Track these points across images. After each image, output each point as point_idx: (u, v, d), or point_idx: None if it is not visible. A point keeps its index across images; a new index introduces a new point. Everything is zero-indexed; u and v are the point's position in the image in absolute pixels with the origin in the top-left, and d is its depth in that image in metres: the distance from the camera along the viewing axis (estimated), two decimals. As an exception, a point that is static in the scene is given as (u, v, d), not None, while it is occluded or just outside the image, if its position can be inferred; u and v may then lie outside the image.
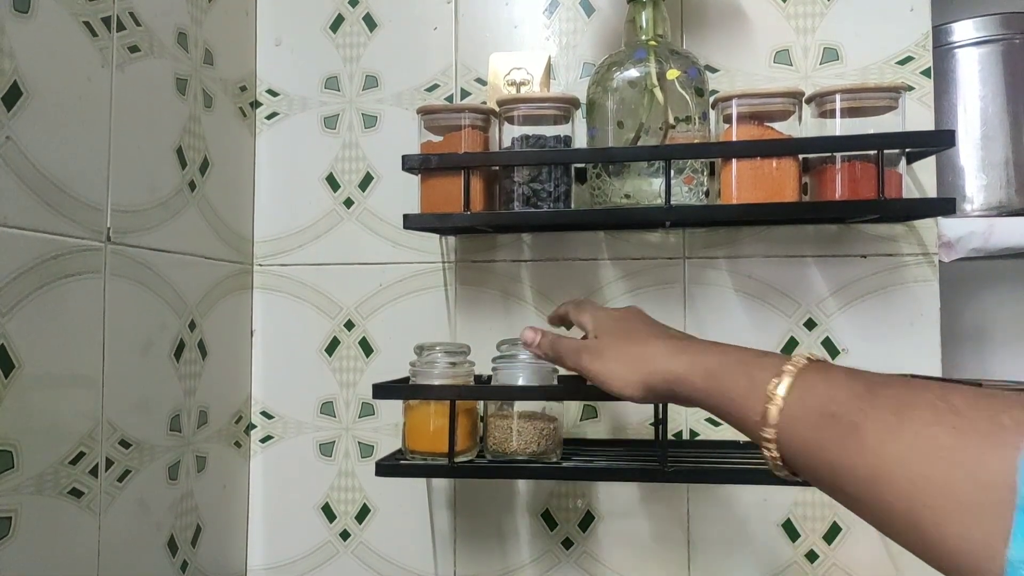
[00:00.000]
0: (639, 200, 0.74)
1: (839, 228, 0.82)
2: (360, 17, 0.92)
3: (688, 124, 0.73)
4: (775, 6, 0.85)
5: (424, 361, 0.74)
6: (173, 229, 0.76)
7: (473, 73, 0.90)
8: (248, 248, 0.92)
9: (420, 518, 0.88)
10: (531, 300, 0.87)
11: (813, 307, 0.82)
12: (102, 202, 0.65)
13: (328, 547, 0.90)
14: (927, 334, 0.80)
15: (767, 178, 0.70)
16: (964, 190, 0.83)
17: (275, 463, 0.92)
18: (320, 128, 0.93)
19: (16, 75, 0.56)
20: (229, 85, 0.88)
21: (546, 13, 0.89)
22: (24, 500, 0.56)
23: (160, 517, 0.74)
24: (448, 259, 0.89)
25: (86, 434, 0.63)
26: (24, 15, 0.57)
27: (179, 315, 0.77)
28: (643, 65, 0.74)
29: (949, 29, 0.84)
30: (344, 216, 0.91)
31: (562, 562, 0.86)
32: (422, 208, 0.77)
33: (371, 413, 0.90)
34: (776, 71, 0.84)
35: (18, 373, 0.55)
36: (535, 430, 0.72)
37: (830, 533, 0.81)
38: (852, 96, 0.71)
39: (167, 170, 0.75)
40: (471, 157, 0.75)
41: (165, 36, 0.75)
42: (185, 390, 0.78)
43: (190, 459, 0.79)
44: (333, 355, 0.91)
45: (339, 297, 0.91)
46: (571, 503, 0.86)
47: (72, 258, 0.61)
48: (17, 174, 0.56)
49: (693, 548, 0.83)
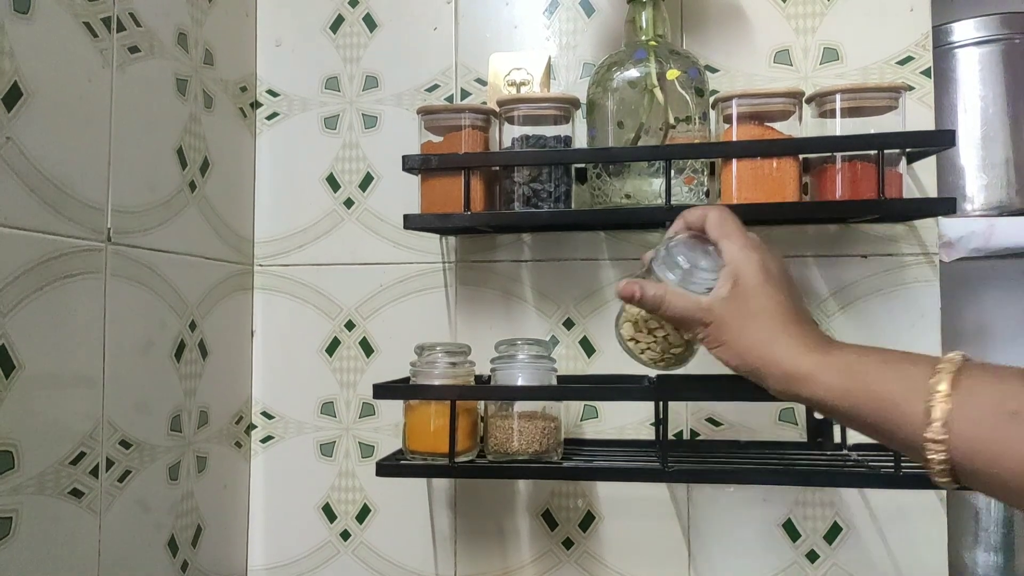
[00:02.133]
0: (639, 200, 0.74)
1: (839, 228, 0.82)
2: (360, 17, 0.92)
3: (688, 124, 0.73)
4: (775, 6, 0.85)
5: (424, 361, 0.75)
6: (173, 229, 0.76)
7: (473, 73, 0.90)
8: (248, 248, 0.92)
9: (420, 518, 0.88)
10: (531, 300, 0.87)
11: (813, 307, 0.82)
12: (102, 202, 0.65)
13: (328, 547, 0.90)
14: (928, 334, 0.80)
15: (767, 178, 0.70)
16: (964, 190, 0.83)
17: (276, 463, 0.92)
18: (320, 128, 0.93)
19: (16, 75, 0.56)
20: (229, 85, 0.88)
21: (546, 13, 0.89)
22: (24, 500, 0.56)
23: (160, 517, 0.74)
24: (448, 259, 0.89)
25: (87, 434, 0.63)
26: (24, 16, 0.57)
27: (179, 315, 0.77)
28: (643, 65, 0.74)
29: (949, 29, 0.84)
30: (344, 216, 0.91)
31: (562, 562, 0.86)
32: (422, 208, 0.77)
33: (371, 413, 0.90)
34: (776, 71, 0.84)
35: (19, 373, 0.55)
36: (536, 430, 0.72)
37: (830, 533, 0.81)
38: (852, 96, 0.71)
39: (167, 170, 0.75)
40: (471, 157, 0.75)
41: (165, 36, 0.75)
42: (186, 390, 0.78)
43: (191, 459, 0.79)
44: (333, 355, 0.91)
45: (339, 297, 0.91)
46: (571, 503, 0.86)
47: (72, 258, 0.61)
48: (17, 174, 0.56)
49: (693, 548, 0.83)
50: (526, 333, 0.85)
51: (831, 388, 0.47)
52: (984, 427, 0.39)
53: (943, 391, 0.41)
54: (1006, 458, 0.39)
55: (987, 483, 0.41)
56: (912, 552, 0.80)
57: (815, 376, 0.48)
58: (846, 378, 0.47)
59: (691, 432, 0.84)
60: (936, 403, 0.41)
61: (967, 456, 0.40)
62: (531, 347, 0.74)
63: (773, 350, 0.50)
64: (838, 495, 0.81)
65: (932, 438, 0.41)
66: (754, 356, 0.51)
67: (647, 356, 0.63)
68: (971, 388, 0.41)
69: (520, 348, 0.74)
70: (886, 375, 0.45)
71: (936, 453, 0.41)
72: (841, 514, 0.81)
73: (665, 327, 0.61)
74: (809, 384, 0.48)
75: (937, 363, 0.43)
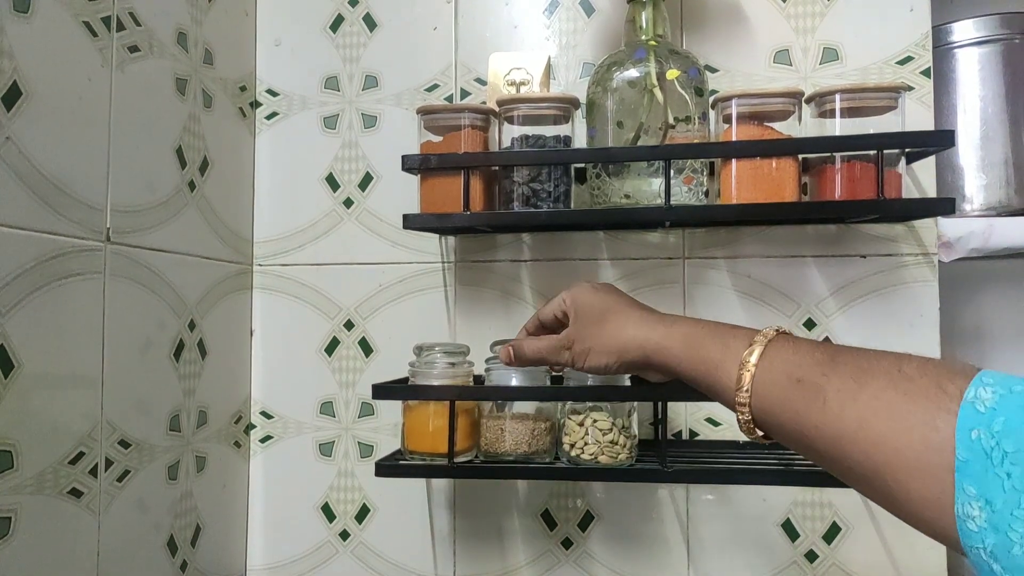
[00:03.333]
0: (639, 200, 0.74)
1: (839, 228, 0.82)
2: (360, 17, 0.92)
3: (688, 124, 0.73)
4: (775, 6, 0.85)
5: (423, 362, 0.74)
6: (173, 229, 0.76)
7: (473, 73, 0.90)
8: (248, 248, 0.92)
9: (420, 518, 0.88)
10: (531, 300, 0.87)
11: (813, 307, 0.82)
12: (102, 202, 0.65)
13: (328, 547, 0.90)
14: (926, 334, 0.80)
15: (767, 178, 0.70)
16: (964, 190, 0.83)
17: (275, 463, 0.92)
18: (320, 128, 0.93)
19: (16, 75, 0.56)
20: (229, 85, 0.88)
21: (546, 13, 0.89)
22: (24, 500, 0.56)
23: (160, 517, 0.74)
24: (448, 259, 0.89)
25: (86, 434, 0.63)
26: (24, 15, 0.57)
27: (179, 315, 0.77)
28: (643, 65, 0.74)
29: (949, 29, 0.84)
30: (344, 216, 0.91)
31: (562, 562, 0.86)
32: (422, 208, 0.77)
33: (371, 413, 0.90)
34: (776, 71, 0.84)
35: (18, 373, 0.55)
36: (526, 430, 0.72)
37: (830, 533, 0.81)
38: (852, 96, 0.71)
39: (167, 170, 0.75)
40: (471, 157, 0.75)
41: (165, 36, 0.75)
42: (185, 390, 0.78)
43: (190, 459, 0.79)
44: (333, 355, 0.91)
45: (339, 297, 0.91)
46: (571, 503, 0.86)
47: (72, 258, 0.61)
48: (17, 174, 0.56)
49: (693, 548, 0.83)
50: (525, 333, 0.85)
51: (677, 356, 0.55)
52: (775, 391, 0.47)
53: (752, 361, 0.49)
54: (788, 419, 0.46)
55: (782, 439, 0.48)
56: (911, 552, 0.80)
57: (665, 346, 0.56)
58: (686, 347, 0.55)
59: (691, 432, 0.84)
60: (745, 371, 0.49)
61: (763, 416, 0.48)
62: None
63: (629, 332, 0.59)
64: (837, 495, 0.81)
65: (740, 400, 0.49)
66: (618, 344, 0.59)
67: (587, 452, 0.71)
68: (772, 358, 0.48)
69: None
70: (714, 344, 0.52)
71: (743, 413, 0.49)
72: (840, 514, 0.81)
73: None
74: (662, 354, 0.57)
75: (754, 336, 0.50)
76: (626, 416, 0.71)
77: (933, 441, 0.36)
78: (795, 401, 0.45)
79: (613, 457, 0.70)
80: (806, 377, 0.45)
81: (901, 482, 0.38)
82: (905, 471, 0.38)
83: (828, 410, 0.43)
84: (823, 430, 0.43)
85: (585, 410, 0.71)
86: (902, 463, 0.38)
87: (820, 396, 0.43)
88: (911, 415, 0.38)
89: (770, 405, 0.47)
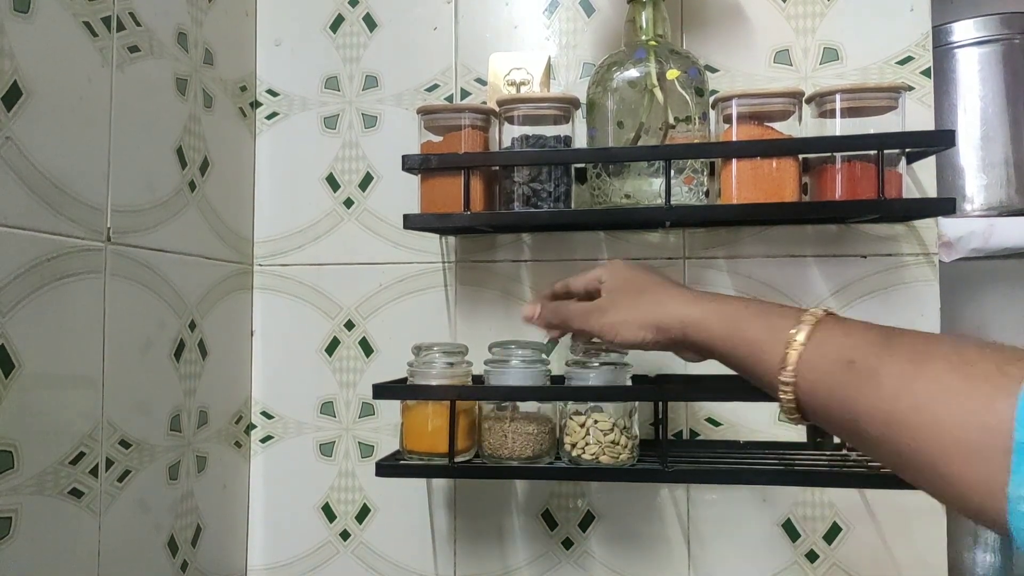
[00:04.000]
0: (639, 200, 0.74)
1: (839, 228, 0.82)
2: (360, 17, 0.92)
3: (688, 124, 0.73)
4: (775, 6, 0.85)
5: (422, 361, 0.74)
6: (173, 229, 0.76)
7: (473, 73, 0.90)
8: (248, 248, 0.92)
9: (420, 518, 0.88)
10: (531, 300, 0.87)
11: (812, 307, 0.82)
12: (102, 202, 0.65)
13: (328, 547, 0.90)
14: (927, 334, 0.80)
15: (767, 178, 0.70)
16: (964, 190, 0.83)
17: (275, 463, 0.92)
18: (320, 128, 0.93)
19: (16, 75, 0.56)
20: (229, 85, 0.88)
21: (546, 13, 0.89)
22: (24, 500, 0.56)
23: (160, 517, 0.74)
24: (448, 259, 0.89)
25: (86, 434, 0.63)
26: (24, 15, 0.57)
27: (179, 315, 0.77)
28: (643, 65, 0.74)
29: (949, 29, 0.84)
30: (344, 216, 0.91)
31: (562, 562, 0.86)
32: (422, 208, 0.77)
33: (371, 413, 0.90)
34: (776, 71, 0.84)
35: (18, 373, 0.55)
36: (529, 434, 0.72)
37: (830, 533, 0.81)
38: (852, 96, 0.71)
39: (167, 170, 0.75)
40: (471, 157, 0.75)
41: (165, 36, 0.75)
42: (185, 390, 0.78)
43: (190, 459, 0.79)
44: (333, 355, 0.91)
45: (339, 297, 0.91)
46: (571, 503, 0.86)
47: (72, 258, 0.61)
48: (17, 174, 0.56)
49: (694, 548, 0.83)
50: (525, 334, 0.85)
51: (715, 333, 0.54)
52: (822, 372, 0.46)
53: (800, 341, 0.47)
54: (837, 402, 0.45)
55: (826, 423, 0.47)
56: (912, 552, 0.80)
57: (704, 321, 0.55)
58: (727, 324, 0.53)
59: (691, 432, 0.84)
60: (791, 350, 0.48)
61: (809, 398, 0.47)
62: (524, 350, 0.74)
63: (667, 307, 0.57)
64: (838, 495, 0.81)
65: (784, 380, 0.48)
66: (655, 319, 0.58)
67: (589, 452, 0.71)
68: (821, 339, 0.47)
69: (513, 352, 0.74)
70: (758, 324, 0.51)
71: (786, 393, 0.48)
72: (841, 514, 0.81)
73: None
74: (700, 330, 0.55)
75: (802, 315, 0.49)
76: (627, 416, 0.71)
77: (991, 424, 0.36)
78: (846, 384, 0.44)
79: (614, 457, 0.70)
80: (859, 359, 0.44)
81: (952, 465, 0.38)
82: (959, 454, 0.37)
83: (883, 393, 0.42)
84: (874, 414, 0.42)
85: (586, 410, 0.71)
86: (956, 446, 0.38)
87: (874, 379, 0.42)
88: (971, 399, 0.38)
89: (817, 386, 0.46)
